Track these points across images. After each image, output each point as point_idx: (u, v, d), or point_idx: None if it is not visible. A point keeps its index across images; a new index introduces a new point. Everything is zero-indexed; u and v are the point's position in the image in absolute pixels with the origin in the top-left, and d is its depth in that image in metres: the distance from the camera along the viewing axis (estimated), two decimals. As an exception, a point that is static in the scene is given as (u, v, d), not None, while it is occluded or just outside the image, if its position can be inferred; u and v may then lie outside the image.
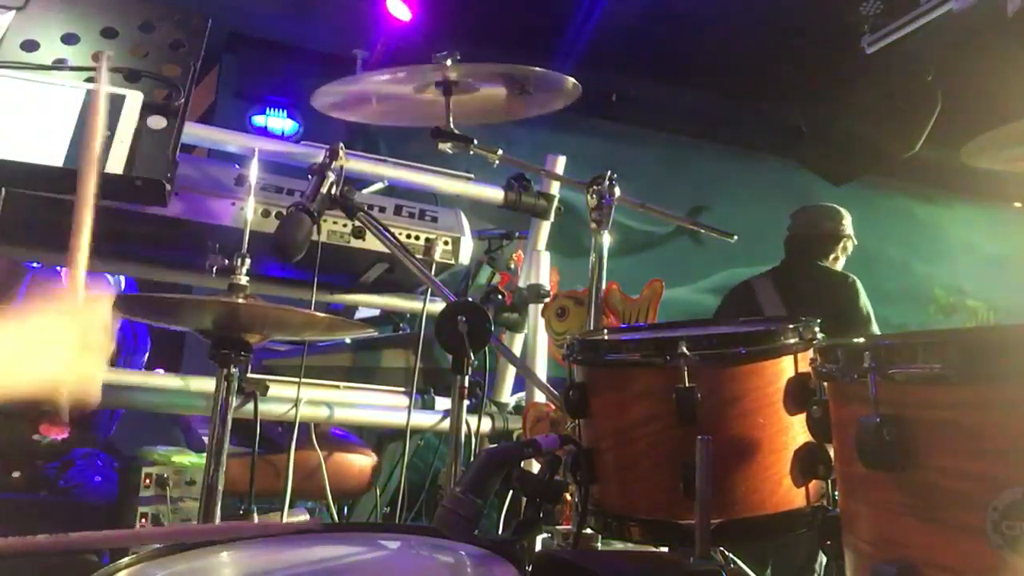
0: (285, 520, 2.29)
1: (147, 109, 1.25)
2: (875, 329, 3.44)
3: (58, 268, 2.98)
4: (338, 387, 2.50)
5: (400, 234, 2.41)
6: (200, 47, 1.36)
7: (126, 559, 1.10)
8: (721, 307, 3.93)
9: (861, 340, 1.02)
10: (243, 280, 1.91)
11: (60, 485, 2.50)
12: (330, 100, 2.24)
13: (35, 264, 2.77)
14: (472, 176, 2.68)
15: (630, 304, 2.15)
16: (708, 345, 1.27)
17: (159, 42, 1.34)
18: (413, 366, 2.57)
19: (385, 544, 1.25)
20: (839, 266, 3.75)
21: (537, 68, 2.08)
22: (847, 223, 3.75)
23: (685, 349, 1.24)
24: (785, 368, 1.29)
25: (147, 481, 2.30)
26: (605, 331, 1.74)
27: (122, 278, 3.03)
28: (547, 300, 2.48)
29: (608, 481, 1.36)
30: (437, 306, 2.33)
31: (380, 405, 2.54)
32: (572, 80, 2.12)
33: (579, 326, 2.18)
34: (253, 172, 2.11)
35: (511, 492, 2.01)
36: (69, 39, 1.29)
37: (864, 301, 3.52)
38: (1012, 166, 1.91)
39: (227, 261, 1.96)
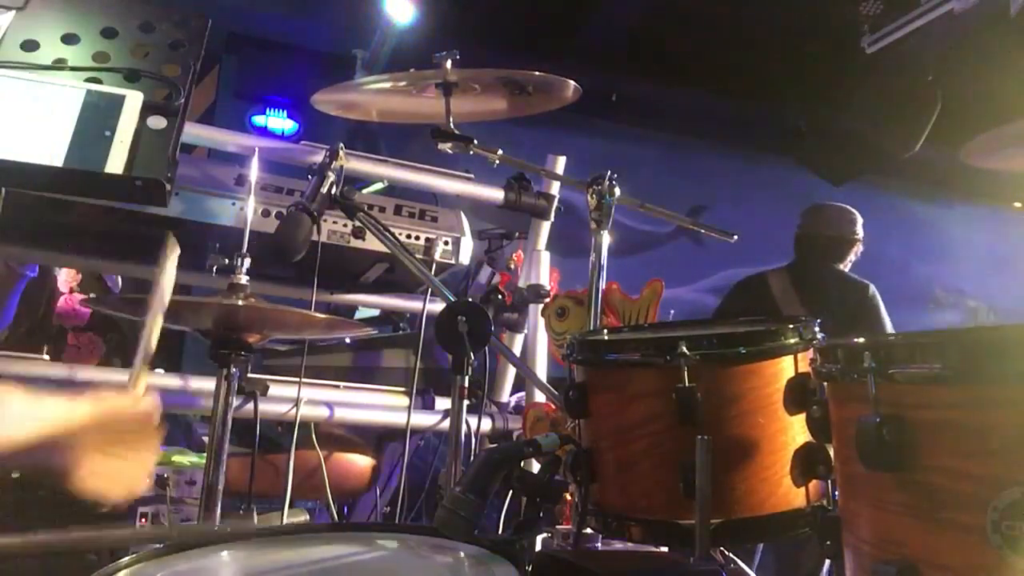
0: (285, 520, 2.29)
1: (147, 109, 1.25)
2: None
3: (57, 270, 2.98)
4: (338, 387, 2.50)
5: (400, 234, 2.41)
6: (200, 47, 1.36)
7: (126, 559, 1.10)
8: (731, 298, 3.87)
9: (861, 340, 1.02)
10: (243, 280, 1.91)
11: (59, 484, 2.50)
12: (330, 101, 2.25)
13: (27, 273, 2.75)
14: (472, 176, 2.68)
15: (630, 304, 2.15)
16: (708, 345, 1.27)
17: (159, 42, 1.34)
18: (413, 366, 2.57)
19: (385, 544, 1.26)
20: (849, 269, 3.73)
21: (537, 72, 2.08)
22: (859, 227, 3.72)
23: (685, 349, 1.24)
24: (785, 368, 1.29)
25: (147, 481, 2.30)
26: (605, 331, 1.74)
27: (119, 278, 3.03)
28: (547, 300, 2.48)
29: (608, 481, 1.36)
30: (437, 306, 2.33)
31: (380, 405, 2.54)
32: (573, 84, 2.12)
33: (579, 326, 2.18)
34: (253, 172, 2.11)
35: (511, 492, 2.01)
36: (69, 39, 1.29)
37: (884, 313, 3.51)
38: (1012, 166, 1.91)
39: (227, 261, 1.96)
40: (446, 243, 2.49)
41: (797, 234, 3.78)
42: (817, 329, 1.34)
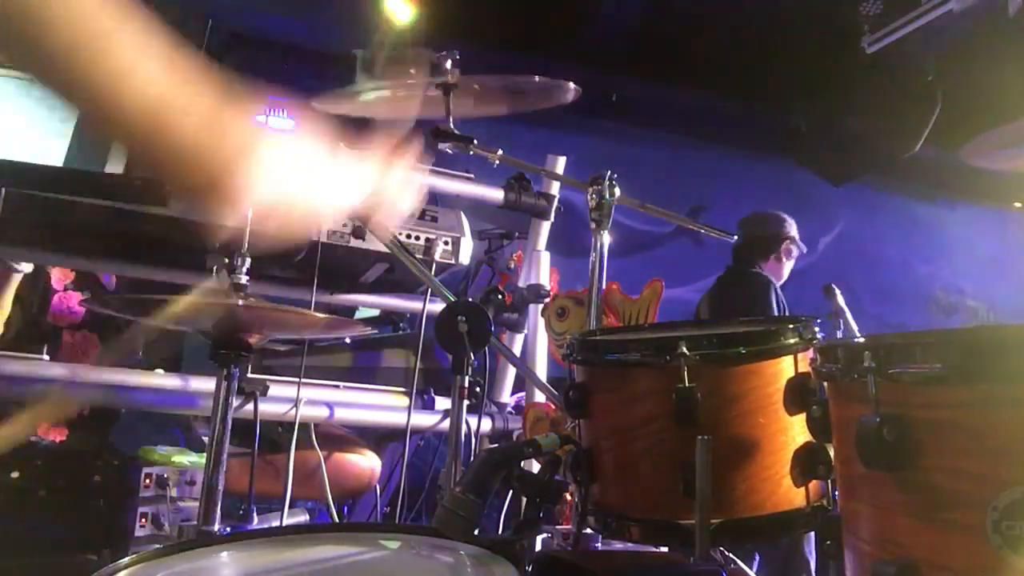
0: (285, 520, 2.29)
1: (147, 109, 1.25)
2: None
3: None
4: (338, 387, 2.50)
5: (400, 234, 2.41)
6: (200, 47, 1.36)
7: (126, 559, 1.10)
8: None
9: (861, 340, 1.02)
10: (243, 280, 1.91)
11: (59, 484, 2.50)
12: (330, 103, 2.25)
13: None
14: (472, 176, 2.68)
15: (630, 304, 2.15)
16: (708, 345, 1.27)
17: (159, 42, 1.34)
18: (413, 366, 2.57)
19: (385, 544, 1.26)
20: (785, 269, 3.80)
21: (536, 78, 2.08)
22: (788, 227, 3.84)
23: (685, 349, 1.24)
24: (785, 368, 1.29)
25: (147, 481, 2.30)
26: (605, 331, 1.74)
27: (113, 276, 3.03)
28: (547, 300, 2.48)
29: (608, 481, 1.36)
30: (437, 306, 2.33)
31: (380, 405, 2.54)
32: (573, 85, 2.12)
33: (579, 326, 2.18)
34: (253, 172, 2.11)
35: (511, 492, 2.01)
36: (69, 39, 1.29)
37: (771, 299, 3.56)
38: (1012, 166, 1.91)
39: (227, 261, 1.96)
40: (446, 243, 2.49)
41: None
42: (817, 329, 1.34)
